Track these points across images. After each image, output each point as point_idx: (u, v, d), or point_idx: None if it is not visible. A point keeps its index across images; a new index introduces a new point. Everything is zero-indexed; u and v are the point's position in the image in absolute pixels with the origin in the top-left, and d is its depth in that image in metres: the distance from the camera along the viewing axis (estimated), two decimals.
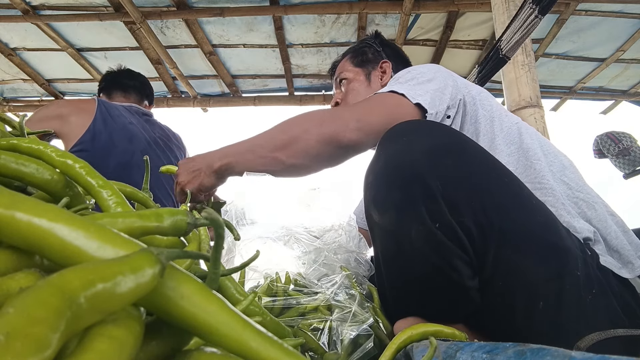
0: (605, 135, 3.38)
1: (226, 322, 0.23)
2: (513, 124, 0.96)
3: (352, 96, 1.27)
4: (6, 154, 0.39)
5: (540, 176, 0.85)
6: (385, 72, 1.31)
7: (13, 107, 3.51)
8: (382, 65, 1.31)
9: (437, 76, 0.98)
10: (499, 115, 0.97)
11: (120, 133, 1.54)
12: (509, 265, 0.63)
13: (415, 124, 0.73)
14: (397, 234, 0.66)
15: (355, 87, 1.28)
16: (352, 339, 0.64)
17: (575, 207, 0.84)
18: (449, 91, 0.97)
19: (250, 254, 0.44)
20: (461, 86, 1.00)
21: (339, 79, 1.32)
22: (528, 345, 0.37)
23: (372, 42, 1.38)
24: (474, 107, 0.98)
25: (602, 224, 0.81)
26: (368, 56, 1.33)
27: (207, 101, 3.51)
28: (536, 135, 0.96)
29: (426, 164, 0.63)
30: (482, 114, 0.97)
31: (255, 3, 2.57)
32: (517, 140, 0.92)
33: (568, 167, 0.90)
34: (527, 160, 0.88)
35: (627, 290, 0.72)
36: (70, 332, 0.17)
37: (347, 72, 1.30)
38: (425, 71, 1.00)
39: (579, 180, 0.88)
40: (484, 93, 1.02)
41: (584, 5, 2.59)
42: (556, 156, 0.92)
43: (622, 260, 0.76)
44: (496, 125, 0.95)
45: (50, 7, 2.60)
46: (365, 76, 1.29)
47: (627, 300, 0.69)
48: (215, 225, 0.29)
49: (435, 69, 1.02)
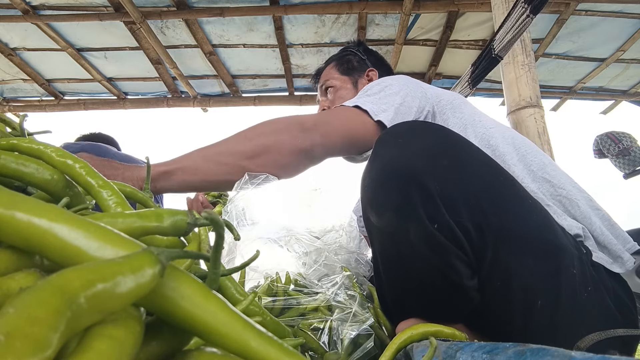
0: (605, 135, 3.37)
1: (226, 322, 0.23)
2: (487, 130, 0.95)
3: (340, 103, 1.26)
4: (6, 154, 0.39)
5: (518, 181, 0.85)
6: (372, 79, 1.32)
7: (13, 107, 3.50)
8: (368, 73, 1.32)
9: (403, 89, 0.99)
10: (472, 123, 0.97)
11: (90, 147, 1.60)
12: (507, 264, 0.63)
13: (411, 125, 0.73)
14: (396, 235, 0.66)
15: (343, 95, 1.29)
16: (353, 339, 0.64)
17: (560, 205, 0.84)
18: (416, 103, 0.97)
19: (250, 254, 0.44)
20: (430, 97, 1.01)
21: (325, 87, 1.33)
22: (528, 346, 0.37)
23: (356, 50, 1.39)
24: (443, 116, 0.99)
25: (587, 221, 0.81)
26: (353, 64, 1.34)
27: (207, 101, 3.51)
28: (512, 138, 0.95)
29: (423, 165, 0.64)
30: (453, 123, 0.97)
31: (255, 3, 2.57)
32: (491, 147, 0.92)
33: (548, 165, 0.90)
34: (503, 165, 0.88)
35: (619, 285, 0.72)
36: (70, 332, 0.17)
37: (334, 80, 1.32)
38: (394, 83, 1.01)
39: (561, 177, 0.88)
40: (457, 100, 1.02)
41: (584, 5, 2.59)
42: (535, 155, 0.92)
43: (611, 255, 0.77)
44: (469, 133, 0.95)
45: (50, 7, 2.60)
46: (352, 84, 1.31)
47: (620, 296, 0.70)
48: (215, 225, 0.29)
49: (403, 81, 1.03)
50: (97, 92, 3.49)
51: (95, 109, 3.52)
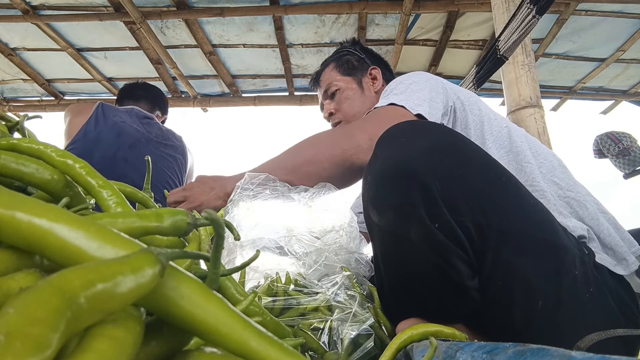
0: (605, 135, 3.37)
1: (226, 322, 0.23)
2: (502, 127, 0.96)
3: (348, 105, 1.27)
4: (6, 154, 0.39)
5: (531, 178, 0.86)
6: (376, 79, 1.32)
7: (13, 107, 3.51)
8: (371, 72, 1.32)
9: (428, 85, 0.99)
10: (488, 119, 0.98)
11: (109, 129, 1.61)
12: (508, 264, 0.63)
13: (412, 124, 0.73)
14: (396, 234, 0.66)
15: (350, 96, 1.28)
16: (353, 339, 0.64)
17: (567, 206, 0.84)
18: (441, 99, 0.98)
19: (250, 255, 0.44)
20: (450, 93, 1.01)
21: (330, 90, 1.31)
22: (528, 346, 0.37)
23: (353, 49, 1.38)
24: (463, 112, 0.99)
25: (595, 222, 0.81)
26: (354, 64, 1.33)
27: (207, 101, 3.50)
28: (525, 136, 0.97)
29: (424, 164, 0.64)
30: (471, 119, 0.98)
31: (255, 3, 2.57)
32: (507, 144, 0.93)
33: (557, 167, 0.91)
34: (517, 164, 0.89)
35: (623, 287, 0.72)
36: (70, 332, 0.17)
37: (338, 82, 1.31)
38: (417, 80, 1.01)
39: (569, 180, 0.89)
40: (472, 97, 1.03)
41: (584, 5, 2.59)
42: (545, 157, 0.93)
43: (616, 257, 0.77)
44: (486, 129, 0.96)
45: (50, 7, 2.60)
46: (357, 84, 1.30)
47: (623, 298, 0.69)
48: (215, 225, 0.29)
49: (425, 77, 1.03)
50: (97, 92, 3.49)
51: None
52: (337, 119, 1.31)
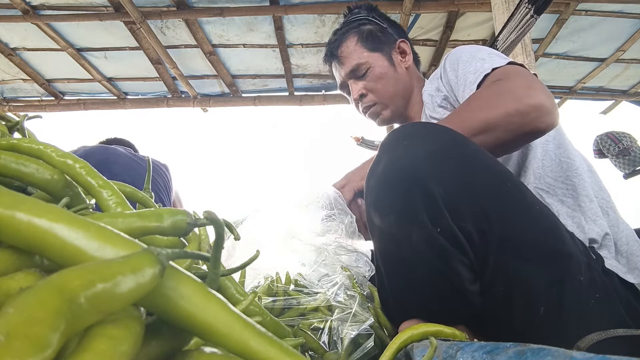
0: (605, 135, 3.38)
1: (226, 322, 0.23)
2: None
3: (382, 86, 1.14)
4: (6, 154, 0.39)
5: (573, 174, 0.86)
6: (405, 52, 1.21)
7: (13, 107, 3.51)
8: (400, 45, 1.20)
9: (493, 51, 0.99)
10: None
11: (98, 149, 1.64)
12: (510, 270, 0.62)
13: (416, 127, 0.72)
14: (398, 237, 0.65)
15: (383, 75, 1.14)
16: (353, 339, 0.64)
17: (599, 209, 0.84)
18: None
19: (250, 255, 0.44)
20: None
21: (360, 70, 1.14)
22: (528, 345, 0.37)
23: (371, 17, 1.22)
24: None
25: (614, 229, 0.81)
26: (379, 37, 1.18)
27: (207, 101, 3.51)
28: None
29: (427, 168, 0.63)
30: None
31: (255, 3, 2.57)
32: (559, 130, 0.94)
33: (586, 172, 0.90)
34: (566, 155, 0.90)
35: (632, 294, 0.71)
36: (70, 332, 0.17)
37: (368, 60, 1.14)
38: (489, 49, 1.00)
39: (595, 185, 0.88)
40: None
41: (584, 5, 2.59)
42: (583, 160, 0.93)
43: (629, 265, 0.76)
44: None
45: (50, 7, 2.60)
46: (388, 61, 1.17)
47: (632, 305, 0.68)
48: (215, 225, 0.29)
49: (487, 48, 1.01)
50: (97, 92, 3.49)
51: (95, 109, 3.52)
52: (371, 101, 1.16)
